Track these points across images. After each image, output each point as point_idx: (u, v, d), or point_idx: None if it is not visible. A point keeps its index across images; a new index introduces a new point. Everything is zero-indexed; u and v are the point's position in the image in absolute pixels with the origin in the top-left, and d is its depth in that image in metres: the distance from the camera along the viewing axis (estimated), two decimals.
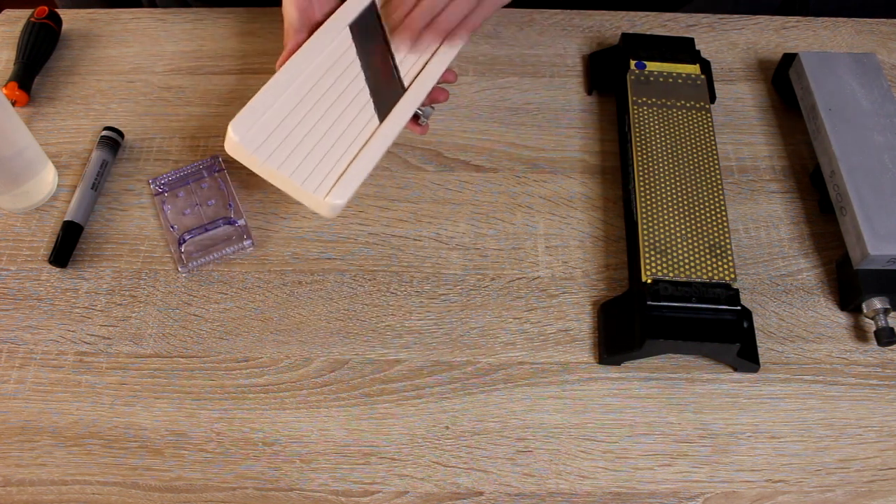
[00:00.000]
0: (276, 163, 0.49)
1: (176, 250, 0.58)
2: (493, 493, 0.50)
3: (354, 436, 0.52)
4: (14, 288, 0.58)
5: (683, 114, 0.61)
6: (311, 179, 0.49)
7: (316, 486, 0.50)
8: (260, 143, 0.49)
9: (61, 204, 0.62)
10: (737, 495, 0.50)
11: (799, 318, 0.57)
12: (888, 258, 0.54)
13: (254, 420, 0.52)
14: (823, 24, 0.74)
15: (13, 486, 0.50)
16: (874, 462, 0.51)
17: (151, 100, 0.68)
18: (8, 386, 0.53)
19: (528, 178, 0.63)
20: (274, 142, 0.49)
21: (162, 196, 0.61)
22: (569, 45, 0.72)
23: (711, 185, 0.57)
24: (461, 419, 0.52)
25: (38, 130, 0.66)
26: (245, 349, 0.55)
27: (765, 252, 0.60)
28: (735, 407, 0.53)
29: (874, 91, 0.62)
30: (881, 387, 0.54)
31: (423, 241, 0.60)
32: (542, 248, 0.60)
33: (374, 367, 0.54)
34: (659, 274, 0.53)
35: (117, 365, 0.54)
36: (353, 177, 0.50)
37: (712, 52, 0.71)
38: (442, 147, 0.65)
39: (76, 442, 0.51)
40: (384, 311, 0.57)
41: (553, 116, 0.67)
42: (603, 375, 0.54)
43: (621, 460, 0.51)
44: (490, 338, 0.55)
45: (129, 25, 0.73)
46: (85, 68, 0.70)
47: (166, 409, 0.52)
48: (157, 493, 0.49)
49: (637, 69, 0.64)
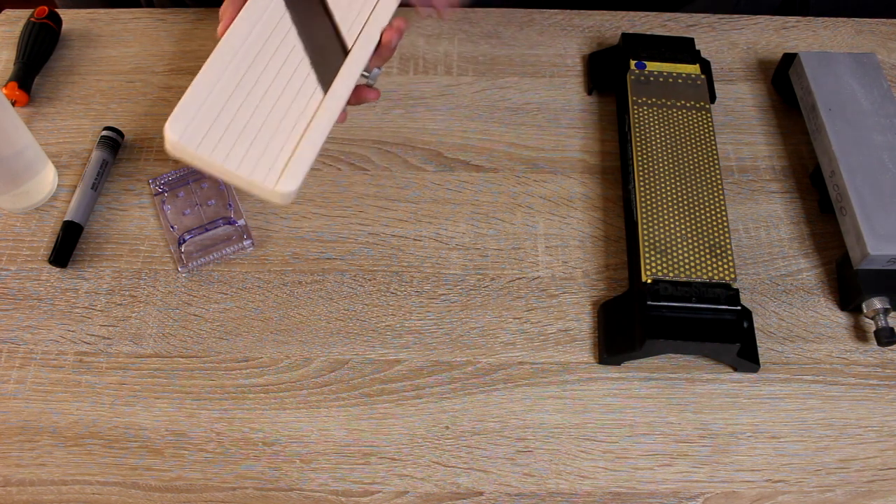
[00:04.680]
0: (220, 157, 0.46)
1: (176, 250, 0.58)
2: (493, 493, 0.50)
3: (354, 436, 0.52)
4: (14, 288, 0.58)
5: (683, 114, 0.61)
6: (257, 169, 0.46)
7: (316, 486, 0.50)
8: (200, 138, 0.46)
9: (61, 204, 0.62)
10: (737, 495, 0.50)
11: (799, 318, 0.57)
12: (888, 258, 0.54)
13: (254, 420, 0.52)
14: (823, 24, 0.74)
15: (13, 486, 0.50)
16: (874, 462, 0.51)
17: (151, 100, 0.68)
18: (8, 386, 0.53)
19: (528, 178, 0.63)
20: (214, 135, 0.46)
21: (162, 196, 0.61)
22: (569, 45, 0.72)
23: (711, 185, 0.57)
24: (461, 419, 0.52)
25: (38, 130, 0.66)
26: (245, 349, 0.55)
27: (765, 252, 0.60)
28: (735, 407, 0.53)
29: (874, 91, 0.62)
30: (881, 387, 0.54)
31: (423, 241, 0.60)
32: (542, 248, 0.60)
33: (374, 367, 0.54)
34: (659, 274, 0.53)
35: (117, 365, 0.54)
36: (302, 160, 0.47)
37: (712, 52, 0.71)
38: (442, 147, 0.65)
39: (76, 442, 0.51)
40: (384, 311, 0.57)
41: (553, 116, 0.67)
42: (603, 375, 0.54)
43: (621, 460, 0.51)
44: (490, 338, 0.55)
45: (129, 25, 0.73)
46: (85, 68, 0.70)
47: (166, 409, 0.52)
48: (157, 493, 0.49)
49: (637, 69, 0.64)
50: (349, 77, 0.50)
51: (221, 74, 0.48)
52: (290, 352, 0.55)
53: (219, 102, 0.47)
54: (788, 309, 0.57)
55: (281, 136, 0.47)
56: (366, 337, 0.55)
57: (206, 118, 0.46)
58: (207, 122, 0.46)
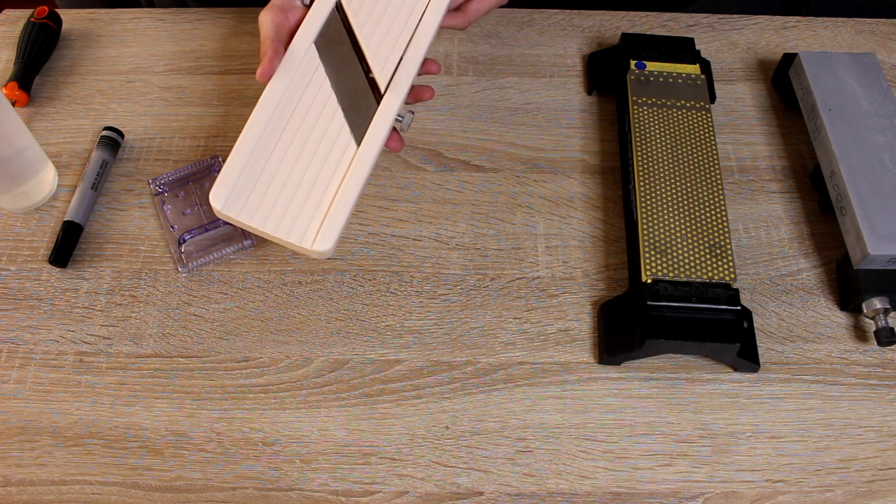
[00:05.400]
0: (260, 222, 0.49)
1: (176, 250, 0.58)
2: (493, 493, 0.50)
3: (354, 436, 0.52)
4: (14, 288, 0.58)
5: (683, 114, 0.61)
6: (295, 231, 0.49)
7: (316, 486, 0.50)
8: (241, 206, 0.49)
9: (61, 204, 0.62)
10: (737, 495, 0.50)
11: (799, 318, 0.57)
12: (888, 258, 0.54)
13: (254, 420, 0.52)
14: (823, 24, 0.74)
15: (13, 486, 0.50)
16: (874, 462, 0.51)
17: (151, 100, 0.68)
18: (8, 386, 0.53)
19: (528, 178, 0.63)
20: (254, 200, 0.50)
21: (162, 196, 0.61)
22: (569, 45, 0.72)
23: (711, 185, 0.57)
24: (461, 419, 0.52)
25: (38, 130, 0.66)
26: (245, 349, 0.55)
27: (765, 252, 0.60)
28: (735, 407, 0.53)
29: (874, 91, 0.62)
30: (881, 387, 0.54)
31: (423, 241, 0.60)
32: (542, 248, 0.60)
33: (374, 367, 0.54)
34: (659, 274, 0.53)
35: (117, 365, 0.54)
36: (336, 219, 0.50)
37: (712, 52, 0.71)
38: (442, 147, 0.65)
39: (76, 442, 0.51)
40: (384, 311, 0.57)
41: (553, 116, 0.67)
42: (603, 375, 0.54)
43: (621, 460, 0.51)
44: (490, 338, 0.55)
45: (129, 25, 0.73)
46: (85, 68, 0.70)
47: (166, 409, 0.52)
48: (157, 493, 0.49)
49: (637, 69, 0.64)
50: (382, 128, 0.52)
51: (259, 137, 0.51)
52: (290, 352, 0.55)
53: (257, 166, 0.50)
54: (788, 309, 0.57)
55: (316, 193, 0.50)
56: (366, 337, 0.55)
57: (246, 184, 0.50)
58: (247, 189, 0.50)
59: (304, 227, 0.49)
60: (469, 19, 0.59)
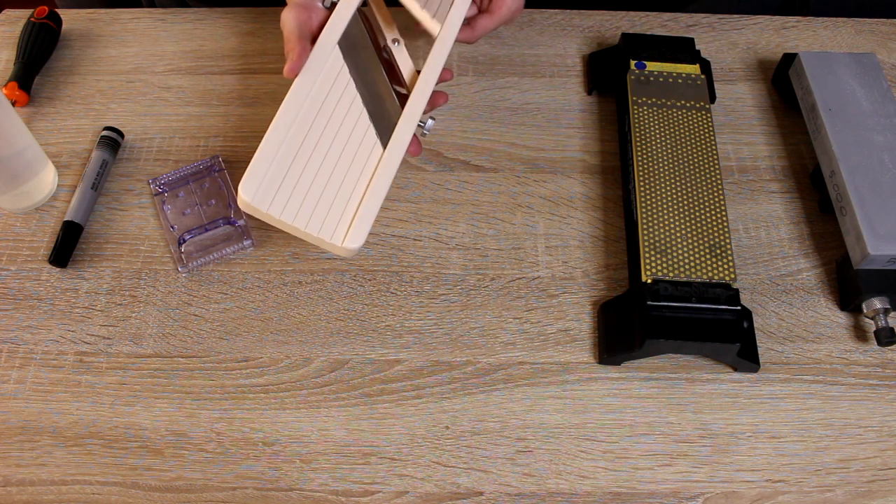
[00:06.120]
0: (290, 216, 0.48)
1: (176, 250, 0.58)
2: (493, 493, 0.50)
3: (354, 436, 0.52)
4: (14, 288, 0.58)
5: (683, 114, 0.61)
6: (325, 227, 0.49)
7: (316, 486, 0.50)
8: (270, 199, 0.48)
9: (61, 204, 0.62)
10: (737, 495, 0.50)
11: (799, 318, 0.57)
12: (888, 258, 0.54)
13: (254, 420, 0.52)
14: (823, 24, 0.74)
15: (13, 486, 0.50)
16: (874, 462, 0.51)
17: (151, 100, 0.68)
18: (8, 386, 0.53)
19: (528, 178, 0.63)
20: (284, 194, 0.49)
21: (162, 196, 0.61)
22: (569, 45, 0.72)
23: (711, 185, 0.57)
24: (461, 419, 0.52)
25: (38, 130, 0.66)
26: (245, 349, 0.55)
27: (765, 252, 0.60)
28: (735, 407, 0.53)
29: (874, 91, 0.62)
30: (881, 387, 0.54)
31: (423, 241, 0.60)
32: (542, 248, 0.60)
33: (374, 367, 0.54)
34: (659, 274, 0.53)
35: (117, 365, 0.54)
36: (366, 217, 0.50)
37: (712, 52, 0.71)
38: (442, 147, 0.65)
39: (76, 442, 0.51)
40: (384, 311, 0.57)
41: (553, 116, 0.67)
42: (603, 375, 0.54)
43: (621, 460, 0.51)
44: (490, 338, 0.55)
45: (129, 25, 0.73)
46: (85, 68, 0.70)
47: (166, 409, 0.52)
48: (157, 493, 0.49)
49: (637, 69, 0.64)
50: (407, 131, 0.53)
51: (287, 132, 0.50)
52: (290, 352, 0.55)
53: (286, 161, 0.50)
54: (788, 309, 0.57)
55: (345, 191, 0.50)
56: (366, 337, 0.55)
57: (275, 178, 0.49)
58: (276, 182, 0.49)
59: (334, 225, 0.49)
60: (477, 35, 0.60)
